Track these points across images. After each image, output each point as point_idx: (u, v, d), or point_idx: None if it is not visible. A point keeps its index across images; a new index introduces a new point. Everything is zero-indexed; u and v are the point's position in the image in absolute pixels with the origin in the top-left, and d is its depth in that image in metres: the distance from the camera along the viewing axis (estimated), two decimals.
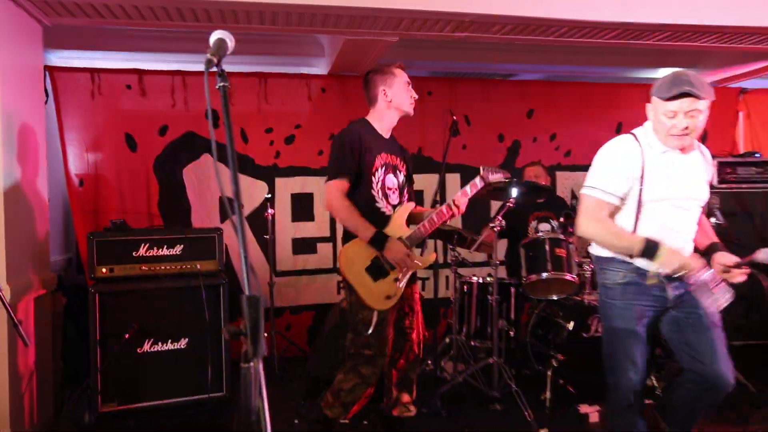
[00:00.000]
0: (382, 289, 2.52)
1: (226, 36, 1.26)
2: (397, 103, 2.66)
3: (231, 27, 3.44)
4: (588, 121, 5.08)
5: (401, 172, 2.74)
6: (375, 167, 2.57)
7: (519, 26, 3.53)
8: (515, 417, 3.14)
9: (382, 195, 2.61)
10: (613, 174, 2.19)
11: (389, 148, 2.70)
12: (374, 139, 2.63)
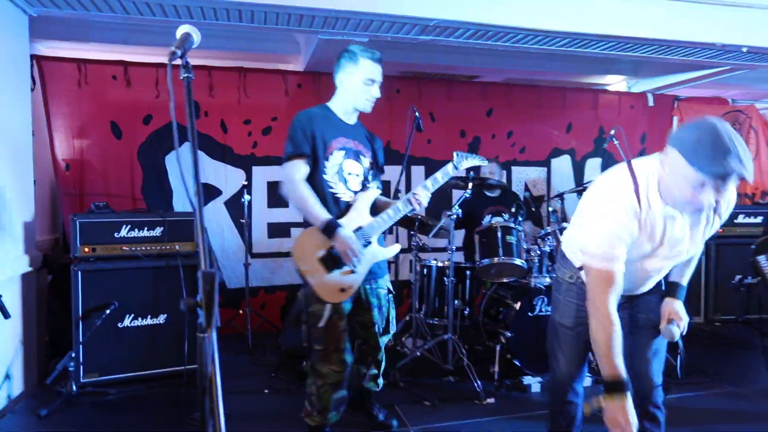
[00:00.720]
0: (336, 280, 2.20)
1: (192, 30, 1.25)
2: (351, 96, 2.32)
3: (211, 24, 3.41)
4: (541, 121, 5.16)
5: (366, 158, 2.40)
6: (329, 151, 2.26)
7: (479, 32, 3.56)
8: (466, 388, 3.19)
9: (340, 180, 2.29)
10: (614, 244, 1.70)
11: (351, 133, 2.36)
12: (331, 123, 2.32)
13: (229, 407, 2.96)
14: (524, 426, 2.82)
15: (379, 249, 2.34)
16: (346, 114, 2.37)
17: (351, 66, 2.26)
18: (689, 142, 1.52)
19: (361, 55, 2.25)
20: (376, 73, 2.28)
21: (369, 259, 2.28)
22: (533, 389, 3.27)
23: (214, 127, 4.43)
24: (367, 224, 2.25)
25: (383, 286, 2.46)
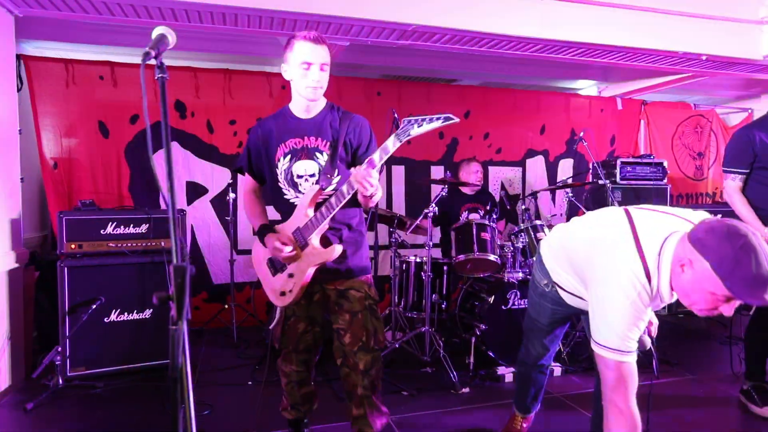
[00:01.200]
0: (279, 284, 2.06)
1: (167, 32, 1.22)
2: (295, 86, 1.98)
3: (195, 26, 3.37)
4: (516, 123, 5.18)
5: (323, 153, 2.01)
6: (276, 158, 2.04)
7: (456, 37, 3.57)
8: (443, 378, 3.18)
9: (289, 185, 2.04)
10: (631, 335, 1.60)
11: (305, 130, 2.03)
12: (281, 126, 2.05)
13: (214, 398, 2.96)
14: (498, 414, 2.81)
15: (318, 250, 1.95)
16: (302, 109, 2.03)
17: (288, 53, 1.95)
18: (726, 259, 1.36)
19: (296, 39, 1.93)
20: (312, 55, 1.90)
21: (308, 261, 1.96)
22: (506, 379, 3.27)
23: (201, 127, 4.37)
24: (303, 225, 1.97)
25: (357, 288, 2.05)
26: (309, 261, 1.97)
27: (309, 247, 1.96)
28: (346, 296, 2.05)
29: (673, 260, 1.52)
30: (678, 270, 1.50)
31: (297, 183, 2.04)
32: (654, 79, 4.98)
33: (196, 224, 4.37)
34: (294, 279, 2.01)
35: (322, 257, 1.96)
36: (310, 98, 1.98)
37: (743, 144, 2.80)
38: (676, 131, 5.69)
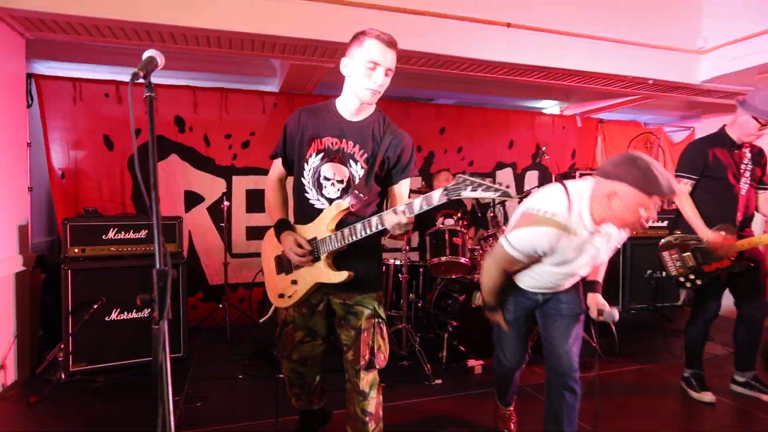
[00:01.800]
0: (280, 284, 1.87)
1: (157, 54, 1.22)
2: (351, 84, 1.73)
3: (194, 49, 3.35)
4: (487, 138, 5.21)
5: (358, 163, 1.76)
6: (309, 153, 1.79)
7: (432, 60, 3.59)
8: (418, 370, 3.18)
9: (314, 185, 1.79)
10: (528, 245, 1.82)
11: (347, 132, 1.78)
12: (322, 121, 1.80)
13: (207, 391, 2.92)
14: (468, 402, 2.84)
15: (326, 269, 1.75)
16: (350, 109, 1.78)
17: (356, 47, 1.69)
18: (639, 177, 1.64)
19: (368, 34, 1.68)
20: (381, 56, 1.66)
21: (314, 275, 1.78)
22: (476, 371, 3.28)
23: (198, 140, 4.34)
24: (321, 238, 1.75)
25: (366, 305, 1.80)
26: (316, 276, 1.78)
27: (321, 261, 1.76)
28: (353, 312, 1.80)
29: (592, 195, 1.78)
30: (606, 203, 1.72)
31: (323, 185, 1.78)
32: (609, 101, 5.05)
33: (193, 230, 4.33)
34: (296, 287, 1.83)
35: (330, 279, 1.76)
36: (367, 101, 1.74)
37: (696, 154, 2.85)
38: (629, 146, 5.76)
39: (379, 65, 1.67)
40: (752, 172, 2.82)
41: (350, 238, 1.70)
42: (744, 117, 2.73)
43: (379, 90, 1.71)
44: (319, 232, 1.76)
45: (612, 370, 3.39)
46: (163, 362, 0.93)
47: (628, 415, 2.70)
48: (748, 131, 2.74)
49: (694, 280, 2.81)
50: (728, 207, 2.79)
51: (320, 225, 1.77)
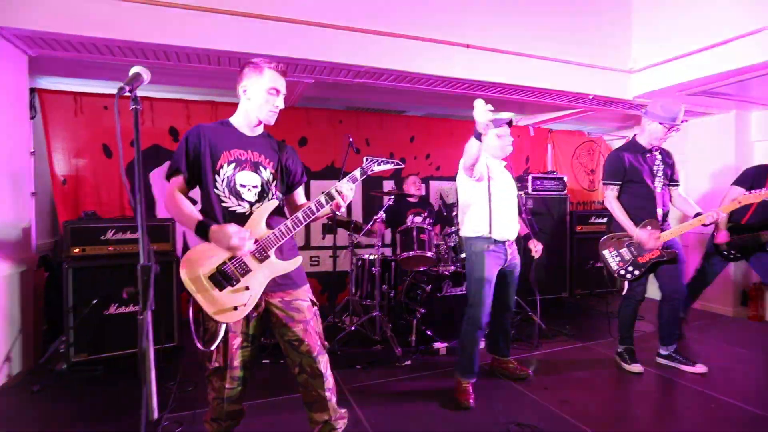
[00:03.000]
0: (229, 299, 1.63)
1: (142, 70, 1.21)
2: (254, 107, 1.74)
3: (183, 65, 3.30)
4: (452, 146, 5.23)
5: (267, 169, 1.77)
6: (219, 165, 1.70)
7: (400, 77, 3.61)
8: (390, 353, 3.21)
9: (231, 193, 1.70)
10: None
11: (250, 145, 1.77)
12: (226, 135, 1.75)
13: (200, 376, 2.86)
14: (434, 380, 2.87)
15: (278, 262, 1.71)
16: (248, 126, 1.79)
17: (255, 76, 1.72)
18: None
19: (265, 65, 1.73)
20: (280, 84, 1.75)
21: (265, 273, 1.69)
22: (441, 352, 3.32)
23: None
24: (263, 237, 1.67)
25: (303, 297, 1.79)
26: (269, 273, 1.69)
27: (270, 259, 1.69)
28: (295, 307, 1.75)
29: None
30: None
31: (240, 191, 1.71)
32: (557, 113, 5.15)
33: (187, 231, 4.26)
34: (251, 292, 1.66)
35: (285, 269, 1.71)
36: (269, 121, 1.78)
37: (616, 163, 2.94)
38: (574, 153, 5.90)
39: (280, 91, 1.75)
40: (664, 172, 2.92)
41: (295, 227, 1.70)
42: (651, 125, 2.84)
43: (278, 111, 1.78)
44: (258, 233, 1.67)
45: (559, 348, 3.47)
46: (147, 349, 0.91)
47: (571, 386, 2.76)
48: (657, 136, 2.85)
49: (633, 271, 2.90)
50: (649, 205, 2.87)
51: (255, 226, 1.68)
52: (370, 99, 4.75)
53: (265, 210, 1.72)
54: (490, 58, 3.63)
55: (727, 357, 3.28)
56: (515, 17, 3.73)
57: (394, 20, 3.34)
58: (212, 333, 1.67)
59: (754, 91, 4.15)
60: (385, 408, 2.48)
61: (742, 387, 2.75)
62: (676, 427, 2.30)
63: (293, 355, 1.76)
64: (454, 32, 3.51)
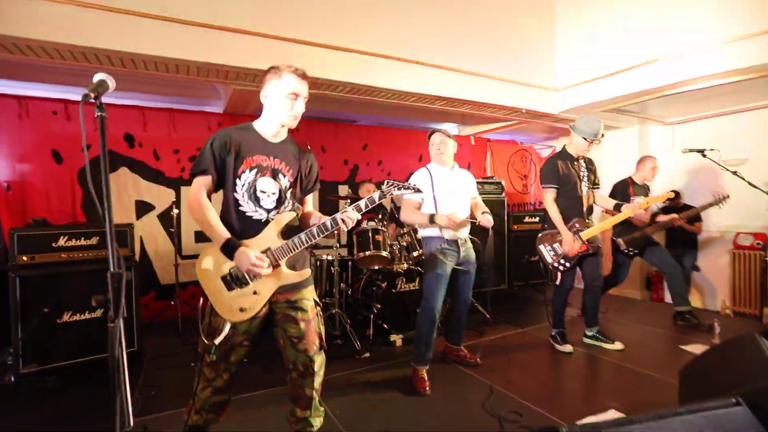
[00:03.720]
0: (237, 300, 1.63)
1: (107, 78, 1.12)
2: (275, 111, 1.70)
3: (141, 73, 3.09)
4: (402, 153, 5.32)
5: (286, 177, 1.72)
6: (242, 169, 1.66)
7: (355, 89, 3.60)
8: (350, 347, 3.19)
9: (250, 198, 1.67)
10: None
11: (272, 151, 1.72)
12: (250, 141, 1.70)
13: (161, 380, 2.70)
14: (392, 369, 2.87)
15: (288, 272, 1.68)
16: (271, 132, 1.73)
17: (275, 80, 1.68)
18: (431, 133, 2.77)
19: (285, 69, 1.69)
20: (299, 88, 1.69)
21: (275, 281, 1.66)
22: (397, 344, 3.34)
23: (148, 155, 4.01)
24: (276, 247, 1.65)
25: (308, 297, 1.75)
26: (278, 281, 1.66)
27: (280, 268, 1.66)
28: (298, 307, 1.72)
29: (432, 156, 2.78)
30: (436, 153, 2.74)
31: (259, 197, 1.67)
32: (495, 124, 5.34)
33: (144, 236, 4.00)
34: (258, 296, 1.64)
35: (293, 279, 1.68)
36: (291, 126, 1.73)
37: (552, 168, 3.11)
38: (510, 160, 6.17)
39: (299, 95, 1.69)
40: (588, 177, 3.16)
41: (308, 241, 1.65)
42: (577, 138, 3.06)
43: (299, 116, 1.72)
44: (271, 242, 1.65)
45: (501, 334, 3.61)
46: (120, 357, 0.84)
47: (514, 367, 2.88)
48: (581, 148, 3.08)
49: (564, 263, 3.08)
50: (577, 205, 3.09)
51: (270, 235, 1.66)
52: (324, 108, 4.70)
53: (282, 220, 1.68)
54: (438, 74, 3.72)
55: (638, 334, 3.57)
56: (459, 38, 3.85)
57: (350, 35, 3.33)
58: (216, 328, 1.64)
59: (652, 110, 4.57)
60: (349, 398, 2.45)
61: (651, 358, 3.00)
62: (602, 396, 2.47)
63: (290, 352, 1.73)
64: (405, 49, 3.56)
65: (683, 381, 1.88)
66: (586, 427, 1.12)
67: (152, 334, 3.55)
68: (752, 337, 1.62)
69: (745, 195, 3.51)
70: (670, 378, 2.59)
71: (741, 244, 4.51)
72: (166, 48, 2.75)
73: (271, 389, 2.54)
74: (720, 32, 3.20)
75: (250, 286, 1.64)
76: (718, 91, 3.75)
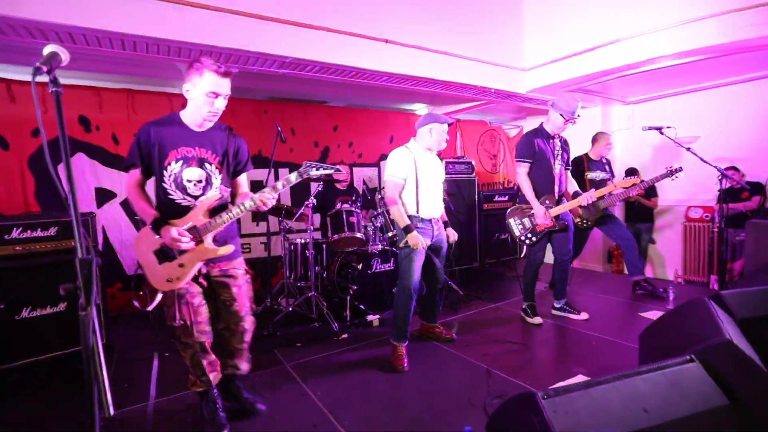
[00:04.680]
0: (165, 271, 1.79)
1: (59, 49, 1.03)
2: (196, 107, 1.78)
3: (92, 49, 2.88)
4: (373, 134, 5.29)
5: (212, 164, 1.85)
6: (167, 161, 1.78)
7: (323, 68, 3.51)
8: (327, 329, 3.20)
9: (177, 187, 1.80)
10: (395, 165, 2.63)
11: (197, 141, 1.82)
12: (174, 133, 1.80)
13: (133, 372, 2.63)
14: (369, 349, 2.91)
15: (211, 247, 1.81)
16: (196, 123, 1.83)
17: (196, 77, 1.75)
18: (431, 117, 2.70)
19: (206, 67, 1.73)
20: (219, 86, 1.75)
21: (199, 255, 1.80)
22: (375, 324, 3.38)
23: (107, 139, 3.79)
24: (201, 224, 1.79)
25: (239, 267, 1.97)
26: (201, 255, 1.80)
27: (204, 244, 1.80)
28: (231, 275, 1.93)
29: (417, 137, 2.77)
30: (427, 137, 2.71)
31: (186, 186, 1.82)
32: (464, 104, 5.37)
33: (107, 225, 3.81)
34: (184, 269, 1.79)
35: (216, 254, 1.82)
36: (210, 121, 1.83)
37: (527, 144, 3.17)
38: (479, 140, 6.25)
39: (219, 95, 1.77)
40: (561, 156, 3.26)
41: (229, 219, 1.81)
42: (554, 115, 3.14)
43: (219, 113, 1.82)
44: (197, 220, 1.80)
45: (475, 310, 3.72)
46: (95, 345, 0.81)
47: (488, 341, 2.98)
48: (557, 125, 3.15)
49: (531, 237, 3.19)
50: (549, 182, 3.19)
51: (195, 215, 1.81)
52: (293, 89, 4.57)
53: (206, 202, 1.82)
54: (407, 53, 3.67)
55: (601, 304, 3.77)
56: (428, 17, 3.80)
57: (319, 13, 3.23)
58: (152, 299, 1.85)
59: (613, 89, 4.73)
60: (329, 379, 2.47)
61: (613, 325, 3.18)
62: (570, 363, 2.60)
63: (224, 315, 1.96)
64: (374, 27, 3.49)
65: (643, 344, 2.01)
66: (560, 391, 1.18)
67: (121, 327, 3.42)
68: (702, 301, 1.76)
69: (697, 171, 3.73)
70: (631, 342, 2.76)
71: (692, 217, 4.81)
72: (122, 24, 2.57)
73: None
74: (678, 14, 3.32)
75: (177, 259, 1.79)
76: (674, 71, 3.92)
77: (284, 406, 2.17)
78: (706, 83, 4.55)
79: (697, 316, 1.73)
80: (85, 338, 0.84)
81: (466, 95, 4.62)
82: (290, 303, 3.50)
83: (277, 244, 4.30)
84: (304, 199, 3.97)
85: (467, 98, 4.87)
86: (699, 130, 4.62)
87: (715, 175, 3.38)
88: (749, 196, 4.15)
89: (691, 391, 1.31)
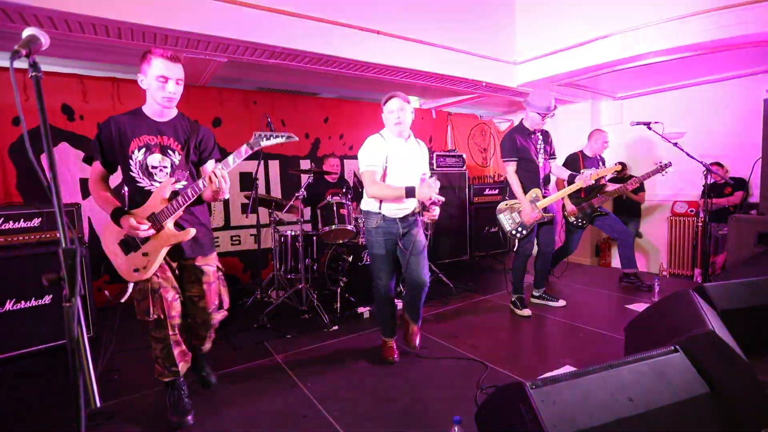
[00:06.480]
0: (131, 262, 1.81)
1: (39, 33, 0.99)
2: (150, 94, 1.81)
3: (75, 35, 2.80)
4: (364, 126, 5.23)
5: (175, 152, 1.88)
6: (130, 150, 1.81)
7: (314, 59, 3.48)
8: (318, 321, 3.20)
9: (144, 174, 1.83)
10: (369, 153, 2.40)
11: (159, 130, 1.86)
12: (136, 123, 1.83)
13: (123, 363, 2.60)
14: (359, 340, 2.92)
15: (171, 233, 1.82)
16: (156, 112, 1.86)
17: (145, 65, 1.78)
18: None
19: (154, 54, 1.77)
20: (168, 71, 1.77)
21: (161, 241, 1.81)
22: (365, 316, 3.38)
23: (91, 128, 3.70)
24: (159, 210, 1.79)
25: (211, 263, 2.01)
26: (164, 242, 1.81)
27: (164, 230, 1.81)
28: (203, 270, 1.97)
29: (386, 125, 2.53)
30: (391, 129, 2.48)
31: (152, 173, 1.84)
32: (455, 97, 5.36)
33: (93, 216, 3.74)
34: (148, 257, 1.80)
35: (178, 238, 1.83)
36: (166, 107, 1.84)
37: (511, 143, 3.21)
38: (470, 133, 6.26)
39: (169, 79, 1.78)
40: (544, 149, 3.29)
41: (184, 201, 1.79)
42: (531, 113, 3.16)
43: (173, 97, 1.82)
44: (156, 207, 1.81)
45: (465, 302, 3.75)
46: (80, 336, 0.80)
47: (478, 333, 3.00)
48: (536, 122, 3.19)
49: (521, 231, 3.23)
50: (534, 177, 3.23)
51: (154, 202, 1.81)
52: (283, 80, 4.51)
53: (161, 188, 1.82)
54: (399, 45, 3.65)
55: (587, 295, 3.83)
56: (420, 9, 3.78)
57: (310, 2, 3.18)
58: (123, 292, 1.93)
59: (603, 84, 4.76)
60: (319, 370, 2.48)
61: (599, 317, 3.24)
62: (557, 353, 2.64)
63: (192, 309, 1.99)
64: (367, 18, 3.45)
65: (628, 335, 2.05)
66: (548, 381, 1.20)
67: (110, 319, 3.37)
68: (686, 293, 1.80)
69: (683, 166, 3.79)
70: (617, 334, 2.81)
71: (677, 212, 4.90)
72: (106, 8, 2.50)
73: (236, 367, 2.51)
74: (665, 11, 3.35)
75: (141, 248, 1.81)
76: (663, 68, 3.96)
77: (274, 397, 2.17)
78: (693, 80, 4.61)
79: (681, 307, 1.77)
80: (70, 330, 0.82)
81: (458, 89, 4.62)
82: (280, 295, 3.49)
83: (267, 236, 4.27)
84: (294, 191, 3.95)
85: (459, 92, 4.86)
86: (685, 125, 4.68)
87: (700, 171, 3.43)
88: (732, 192, 4.23)
89: (675, 381, 1.34)
